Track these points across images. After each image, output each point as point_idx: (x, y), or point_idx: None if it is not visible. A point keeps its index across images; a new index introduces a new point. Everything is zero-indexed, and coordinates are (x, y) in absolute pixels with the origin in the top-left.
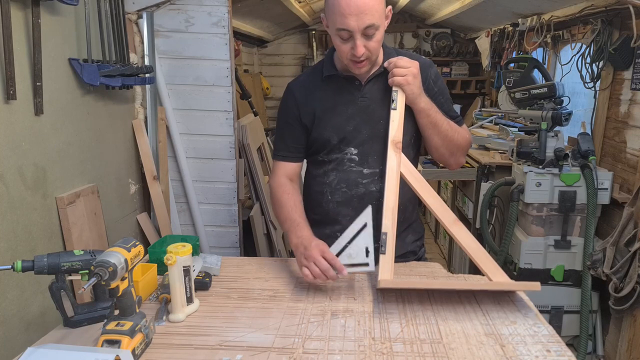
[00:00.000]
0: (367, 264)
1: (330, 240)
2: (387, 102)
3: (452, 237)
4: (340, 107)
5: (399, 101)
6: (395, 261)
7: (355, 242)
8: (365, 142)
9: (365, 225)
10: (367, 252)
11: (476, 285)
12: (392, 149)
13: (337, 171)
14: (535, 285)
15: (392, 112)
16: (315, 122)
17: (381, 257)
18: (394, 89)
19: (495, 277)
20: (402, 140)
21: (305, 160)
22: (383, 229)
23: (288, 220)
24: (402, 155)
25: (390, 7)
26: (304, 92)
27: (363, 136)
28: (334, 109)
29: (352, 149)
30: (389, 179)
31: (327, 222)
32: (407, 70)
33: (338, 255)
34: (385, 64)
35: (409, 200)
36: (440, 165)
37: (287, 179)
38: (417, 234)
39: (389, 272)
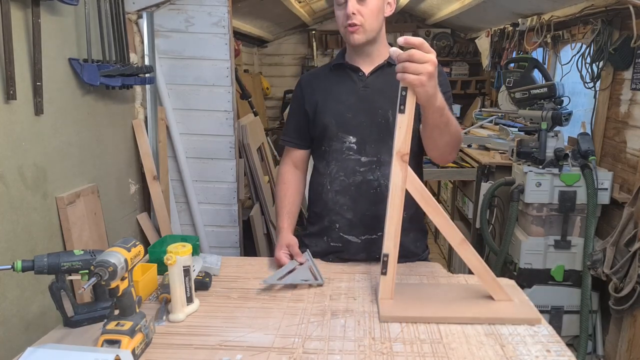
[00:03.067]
0: (315, 279)
1: (329, 232)
2: (387, 92)
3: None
4: (342, 95)
5: (409, 103)
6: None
7: (296, 272)
8: (363, 130)
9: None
10: (312, 272)
11: (481, 320)
12: (398, 162)
13: (337, 160)
14: (537, 320)
15: (398, 116)
16: (318, 109)
17: (382, 278)
18: (402, 85)
19: (498, 296)
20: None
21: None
22: (385, 250)
23: (276, 209)
24: (409, 169)
25: None
26: (311, 83)
27: (362, 125)
28: (335, 97)
29: (351, 137)
30: (393, 197)
31: (325, 214)
32: (422, 67)
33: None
34: (392, 52)
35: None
36: (441, 165)
37: (292, 166)
38: (421, 234)
39: (389, 292)
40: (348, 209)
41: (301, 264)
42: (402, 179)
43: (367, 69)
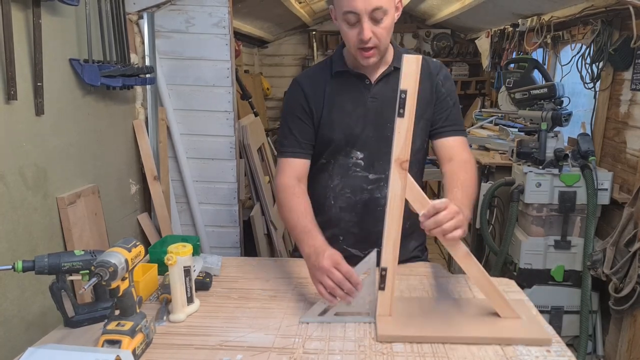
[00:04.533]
0: (367, 314)
1: (330, 243)
2: (394, 103)
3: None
4: (348, 106)
5: (408, 106)
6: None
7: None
8: (372, 145)
9: (368, 272)
10: (369, 303)
11: (487, 340)
12: (397, 170)
13: (342, 176)
14: (548, 341)
15: (397, 120)
16: (322, 120)
17: (380, 293)
18: (401, 88)
19: (505, 313)
20: (409, 158)
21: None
22: (383, 264)
23: (298, 227)
24: (409, 177)
25: None
26: (313, 87)
27: (370, 139)
28: (342, 108)
29: (358, 152)
30: (392, 207)
31: (328, 227)
32: (457, 221)
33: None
34: (423, 219)
35: None
36: None
37: (295, 180)
38: (420, 239)
39: (387, 308)
40: (354, 225)
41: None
42: (401, 188)
43: (372, 75)
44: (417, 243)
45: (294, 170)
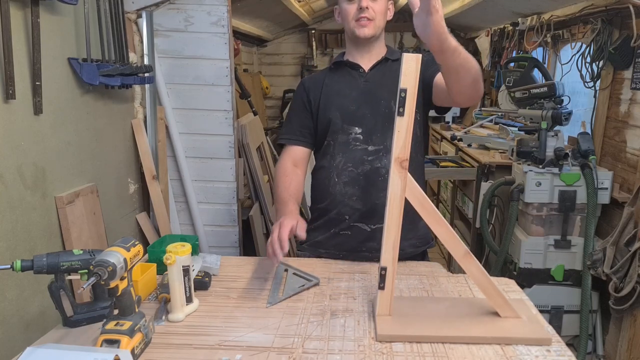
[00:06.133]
0: (309, 280)
1: (337, 222)
2: (388, 84)
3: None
4: (344, 90)
5: (408, 105)
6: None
7: (287, 283)
8: (368, 121)
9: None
10: (300, 277)
11: (488, 339)
12: (397, 169)
13: (343, 152)
14: (548, 341)
15: (397, 119)
16: (321, 105)
17: (379, 292)
18: (401, 87)
19: (505, 312)
20: (409, 157)
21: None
22: (382, 263)
23: (278, 199)
24: (409, 176)
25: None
26: (314, 82)
27: (366, 116)
28: (338, 92)
29: (356, 128)
30: (392, 207)
31: (332, 207)
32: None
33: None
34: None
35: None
36: (441, 164)
37: (290, 163)
38: (422, 239)
39: (387, 307)
40: (357, 200)
41: (288, 268)
42: (401, 188)
43: (366, 65)
44: (418, 241)
45: (290, 156)
